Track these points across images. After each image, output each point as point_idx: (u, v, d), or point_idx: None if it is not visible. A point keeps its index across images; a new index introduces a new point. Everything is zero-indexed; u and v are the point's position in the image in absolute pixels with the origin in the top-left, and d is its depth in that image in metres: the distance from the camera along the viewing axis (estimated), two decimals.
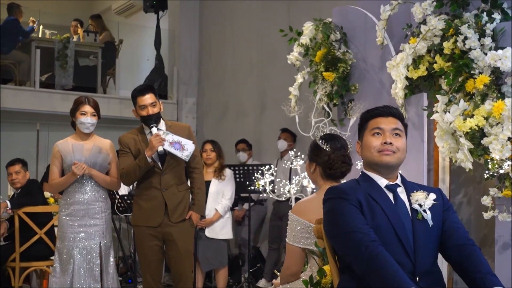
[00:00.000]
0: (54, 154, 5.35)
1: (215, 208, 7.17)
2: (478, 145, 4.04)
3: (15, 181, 6.75)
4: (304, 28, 5.36)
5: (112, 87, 11.19)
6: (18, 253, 6.40)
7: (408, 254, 2.75)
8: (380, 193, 2.88)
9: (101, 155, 5.32)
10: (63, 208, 5.33)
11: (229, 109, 10.28)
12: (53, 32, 10.85)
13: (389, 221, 2.78)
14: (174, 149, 5.11)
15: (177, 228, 5.22)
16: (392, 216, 2.80)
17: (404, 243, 2.75)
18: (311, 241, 3.50)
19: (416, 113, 4.64)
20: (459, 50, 4.24)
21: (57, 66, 10.24)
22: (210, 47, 10.95)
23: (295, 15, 8.58)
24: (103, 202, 5.39)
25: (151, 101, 5.20)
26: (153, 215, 5.21)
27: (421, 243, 2.78)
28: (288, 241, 3.56)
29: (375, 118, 2.99)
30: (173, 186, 5.23)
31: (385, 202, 2.84)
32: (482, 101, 4.06)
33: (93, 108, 5.33)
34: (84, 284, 5.19)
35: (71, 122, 5.42)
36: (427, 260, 2.78)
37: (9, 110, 9.69)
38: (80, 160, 5.24)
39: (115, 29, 11.71)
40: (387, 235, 2.76)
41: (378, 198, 2.85)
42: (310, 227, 3.49)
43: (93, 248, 5.27)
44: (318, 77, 5.31)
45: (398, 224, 2.79)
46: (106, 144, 5.44)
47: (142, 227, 5.24)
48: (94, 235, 5.29)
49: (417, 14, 4.52)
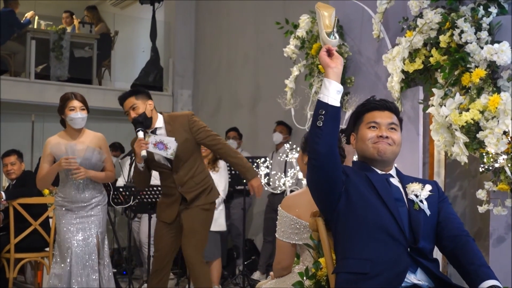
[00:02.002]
0: (46, 154, 5.30)
1: None
2: (474, 139, 4.05)
3: (10, 172, 6.73)
4: (301, 21, 5.36)
5: (108, 78, 11.18)
6: (13, 244, 6.39)
7: (404, 235, 2.76)
8: (377, 177, 2.90)
9: (94, 155, 5.28)
10: (58, 202, 5.32)
11: (225, 101, 10.28)
12: (48, 23, 10.83)
13: (384, 203, 2.80)
14: (158, 150, 5.06)
15: (186, 211, 5.18)
16: (387, 198, 2.81)
17: (399, 223, 2.77)
18: (300, 237, 3.50)
19: (412, 107, 4.64)
20: (455, 44, 4.24)
21: (52, 58, 10.22)
22: (205, 39, 10.93)
23: (291, 7, 8.57)
24: (100, 196, 5.39)
25: (130, 104, 5.12)
26: (169, 211, 5.22)
27: (419, 232, 2.79)
28: (278, 236, 3.57)
29: (371, 112, 2.99)
30: (188, 181, 5.17)
31: (380, 185, 2.86)
32: (478, 95, 4.06)
33: (81, 103, 5.27)
34: (82, 274, 5.20)
35: (60, 120, 5.35)
36: (424, 248, 2.80)
37: (4, 101, 9.67)
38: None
39: (111, 21, 11.70)
40: (382, 215, 2.78)
41: (374, 180, 2.87)
42: (298, 223, 3.49)
43: (90, 238, 5.28)
44: (314, 70, 5.32)
45: (393, 207, 2.80)
46: (98, 138, 5.39)
47: (160, 221, 5.28)
48: (90, 225, 5.30)
49: (413, 8, 4.51)
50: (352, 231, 2.81)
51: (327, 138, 2.72)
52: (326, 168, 2.78)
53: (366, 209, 2.80)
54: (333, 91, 2.72)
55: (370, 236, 2.77)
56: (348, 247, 2.82)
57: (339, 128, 2.85)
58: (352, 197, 2.84)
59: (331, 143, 2.74)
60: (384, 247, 2.75)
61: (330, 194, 2.84)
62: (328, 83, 2.73)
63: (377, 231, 2.77)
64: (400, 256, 2.74)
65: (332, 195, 2.84)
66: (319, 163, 2.76)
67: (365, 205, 2.81)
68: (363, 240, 2.78)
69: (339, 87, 2.73)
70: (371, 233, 2.77)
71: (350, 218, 2.83)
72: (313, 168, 2.80)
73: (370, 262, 2.74)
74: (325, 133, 2.71)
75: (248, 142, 8.94)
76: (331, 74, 2.74)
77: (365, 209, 2.81)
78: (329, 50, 2.80)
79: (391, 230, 2.76)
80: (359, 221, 2.80)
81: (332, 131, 2.73)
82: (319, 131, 2.71)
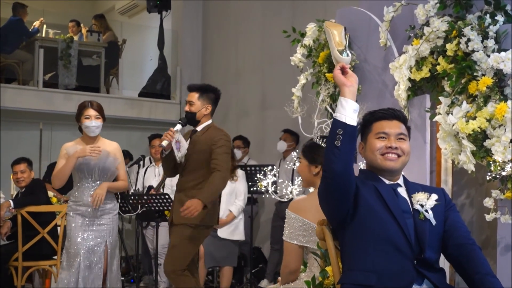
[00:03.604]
0: (62, 155, 5.43)
1: (229, 209, 7.20)
2: (481, 147, 4.04)
3: (20, 180, 6.76)
4: (307, 29, 5.36)
5: (115, 87, 11.21)
6: (21, 252, 6.41)
7: (410, 245, 2.76)
8: (383, 185, 2.90)
9: (108, 159, 5.42)
10: (71, 208, 5.41)
11: (232, 110, 10.29)
12: (56, 32, 10.87)
13: (391, 213, 2.80)
14: (175, 147, 5.22)
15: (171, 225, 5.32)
16: (395, 208, 2.81)
17: (406, 234, 2.77)
18: (308, 239, 3.52)
19: (419, 115, 4.64)
20: (462, 52, 4.24)
21: (60, 66, 10.26)
22: (213, 48, 10.95)
23: (298, 16, 8.59)
24: (111, 204, 5.50)
25: (190, 99, 5.34)
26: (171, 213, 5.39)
27: (424, 242, 2.79)
28: (285, 238, 3.58)
29: (379, 121, 2.99)
30: (188, 189, 5.21)
31: (388, 195, 2.86)
32: (485, 103, 4.06)
33: (97, 111, 5.42)
34: (88, 282, 5.26)
35: (79, 127, 5.52)
36: (430, 258, 2.80)
37: (13, 109, 9.71)
38: (89, 163, 5.32)
39: (119, 29, 11.73)
40: (388, 225, 2.78)
41: (382, 191, 2.87)
42: (307, 224, 3.51)
43: (99, 247, 5.36)
44: (321, 78, 5.32)
45: (400, 217, 2.80)
46: (113, 147, 5.52)
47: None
48: (101, 234, 5.40)
49: (420, 16, 4.52)
50: (359, 243, 2.81)
51: (345, 157, 2.72)
52: (341, 187, 2.78)
53: (374, 222, 2.80)
54: (349, 110, 2.70)
55: (376, 249, 2.77)
56: (355, 258, 2.82)
57: (356, 146, 2.85)
58: (361, 209, 2.83)
59: (348, 161, 2.74)
60: (390, 259, 2.75)
61: (341, 208, 2.84)
62: (345, 102, 2.71)
63: (384, 244, 2.77)
64: (406, 268, 2.74)
65: (342, 209, 2.84)
66: (335, 182, 2.76)
67: (372, 218, 2.81)
68: (370, 252, 2.78)
69: (356, 106, 2.72)
70: (377, 245, 2.77)
71: (357, 230, 2.83)
72: (328, 185, 2.80)
73: (376, 274, 2.74)
74: (343, 153, 2.70)
75: (255, 150, 8.94)
76: (347, 93, 2.73)
77: (372, 221, 2.80)
78: (343, 68, 2.80)
79: (398, 242, 2.75)
80: (366, 233, 2.80)
81: (350, 150, 2.73)
82: (337, 151, 2.71)
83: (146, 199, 6.78)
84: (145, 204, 6.80)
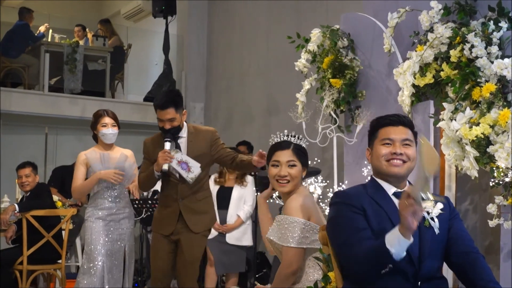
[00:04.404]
0: (81, 161, 5.52)
1: (237, 214, 7.22)
2: (484, 153, 4.06)
3: (25, 184, 6.78)
4: (312, 34, 5.38)
5: (121, 91, 11.23)
6: (26, 256, 6.43)
7: (411, 259, 2.77)
8: (386, 200, 2.90)
9: (127, 163, 5.57)
10: (91, 213, 5.50)
11: (237, 114, 10.30)
12: (62, 36, 10.89)
13: (393, 226, 2.80)
14: (180, 169, 4.99)
15: (188, 236, 5.09)
16: (397, 221, 2.82)
17: (408, 249, 2.77)
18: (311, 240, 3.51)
19: (422, 121, 4.65)
20: (465, 58, 4.25)
21: (66, 70, 10.28)
22: (218, 53, 10.97)
23: (302, 21, 8.60)
24: (129, 208, 5.66)
25: (170, 117, 5.01)
26: (166, 223, 5.13)
27: (426, 250, 2.80)
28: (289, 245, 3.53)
29: (385, 127, 2.99)
30: (190, 196, 5.11)
31: (390, 208, 2.86)
32: (488, 109, 4.07)
33: (113, 119, 5.55)
34: (110, 285, 5.38)
35: (93, 136, 5.62)
36: (431, 267, 2.80)
37: (18, 114, 9.73)
38: (109, 167, 5.44)
39: (124, 34, 11.76)
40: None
41: (383, 204, 2.87)
42: (309, 225, 3.50)
43: (118, 251, 5.50)
44: (325, 84, 5.34)
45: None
46: (128, 154, 5.67)
47: (157, 234, 5.18)
48: (120, 239, 5.53)
49: (424, 22, 4.53)
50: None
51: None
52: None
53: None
54: (404, 247, 2.66)
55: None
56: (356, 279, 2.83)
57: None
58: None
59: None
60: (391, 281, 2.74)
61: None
62: (404, 243, 2.64)
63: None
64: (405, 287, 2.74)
65: None
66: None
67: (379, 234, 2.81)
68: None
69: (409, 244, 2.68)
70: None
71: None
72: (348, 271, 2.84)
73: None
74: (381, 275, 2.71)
75: None
76: (409, 236, 2.65)
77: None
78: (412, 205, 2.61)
79: (401, 265, 2.74)
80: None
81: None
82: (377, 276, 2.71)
83: (151, 204, 6.80)
84: (149, 209, 6.82)
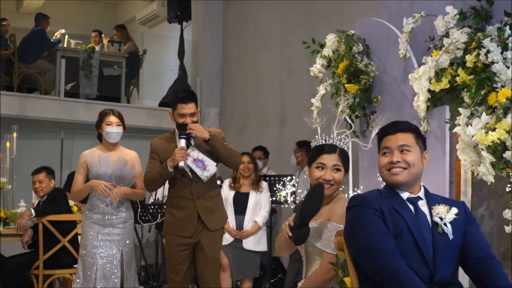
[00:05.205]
0: (81, 164, 5.47)
1: (254, 220, 7.23)
2: (500, 159, 4.03)
3: (38, 189, 6.82)
4: (327, 40, 5.38)
5: (136, 96, 11.29)
6: (42, 260, 6.46)
7: (427, 265, 2.77)
8: (402, 205, 2.90)
9: (126, 167, 5.44)
10: (86, 216, 5.44)
11: (251, 120, 10.32)
12: (78, 42, 10.98)
13: (410, 232, 2.80)
14: (196, 167, 4.98)
15: (207, 235, 5.07)
16: (414, 227, 2.82)
17: (424, 253, 2.77)
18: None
19: (438, 126, 4.64)
20: (481, 63, 4.24)
21: (81, 76, 10.35)
22: (232, 58, 11.00)
23: (317, 26, 8.61)
24: (126, 213, 5.50)
25: (192, 111, 5.07)
26: (186, 224, 5.07)
27: (440, 255, 2.80)
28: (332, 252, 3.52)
29: (385, 137, 3.03)
30: (205, 194, 5.10)
31: (407, 213, 2.86)
32: (505, 114, 4.05)
33: (118, 119, 5.44)
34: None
35: (98, 135, 5.55)
36: (445, 272, 2.80)
37: (34, 119, 9.81)
38: (106, 171, 5.36)
39: (139, 39, 11.82)
40: (407, 245, 2.79)
41: (400, 209, 2.87)
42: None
43: (114, 256, 5.35)
44: (341, 89, 5.33)
45: (418, 235, 2.81)
46: (132, 155, 5.54)
47: (174, 236, 5.10)
48: (116, 244, 5.40)
49: (439, 27, 4.52)
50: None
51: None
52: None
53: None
54: None
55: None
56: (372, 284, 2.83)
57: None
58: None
59: None
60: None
61: None
62: None
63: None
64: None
65: None
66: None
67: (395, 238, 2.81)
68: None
69: None
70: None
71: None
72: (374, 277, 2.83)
73: None
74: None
75: (275, 160, 8.95)
76: None
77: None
78: None
79: (415, 264, 2.74)
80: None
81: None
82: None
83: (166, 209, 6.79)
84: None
